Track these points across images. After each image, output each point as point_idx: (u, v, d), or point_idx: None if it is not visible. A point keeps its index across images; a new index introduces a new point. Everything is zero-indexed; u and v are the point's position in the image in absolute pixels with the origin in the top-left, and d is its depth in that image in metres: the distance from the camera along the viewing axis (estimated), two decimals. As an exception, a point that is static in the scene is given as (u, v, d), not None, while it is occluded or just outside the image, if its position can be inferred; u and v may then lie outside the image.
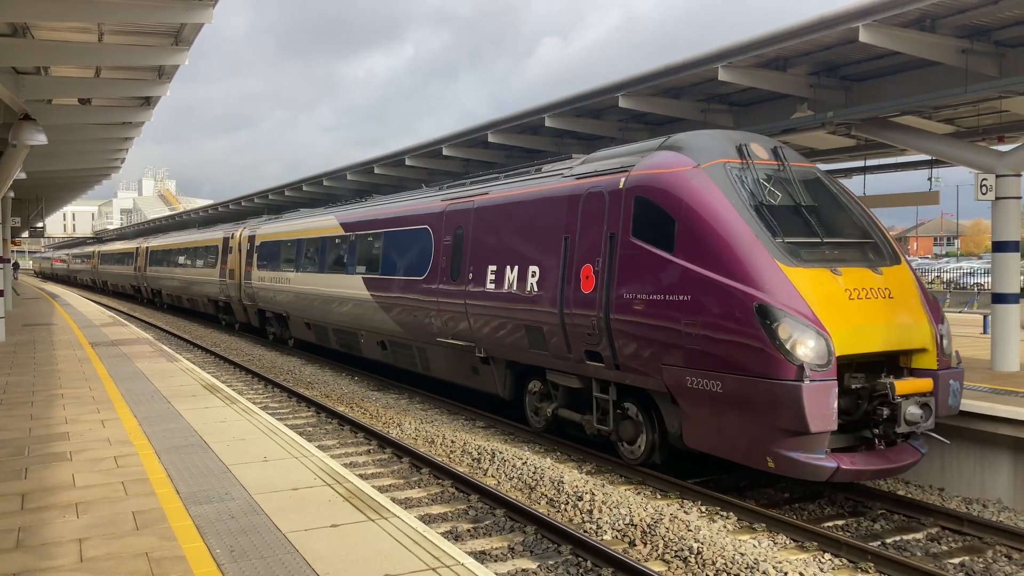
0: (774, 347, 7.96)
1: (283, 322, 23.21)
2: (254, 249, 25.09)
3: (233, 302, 27.66)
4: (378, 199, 18.56)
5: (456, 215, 13.59)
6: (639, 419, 9.99)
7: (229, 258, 27.86)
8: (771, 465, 8.21)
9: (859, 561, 7.30)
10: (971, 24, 11.11)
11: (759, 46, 12.44)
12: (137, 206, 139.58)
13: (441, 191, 14.97)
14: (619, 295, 9.61)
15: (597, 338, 10.00)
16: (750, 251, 8.44)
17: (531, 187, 12.03)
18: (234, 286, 27.11)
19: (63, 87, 15.41)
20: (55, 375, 13.24)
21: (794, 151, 10.23)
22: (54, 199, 41.66)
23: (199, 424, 9.50)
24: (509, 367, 12.55)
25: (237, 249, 26.95)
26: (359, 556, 5.37)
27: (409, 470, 10.56)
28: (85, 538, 5.69)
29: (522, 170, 13.12)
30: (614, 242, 9.84)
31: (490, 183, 13.37)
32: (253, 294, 24.94)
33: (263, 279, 23.86)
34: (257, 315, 25.56)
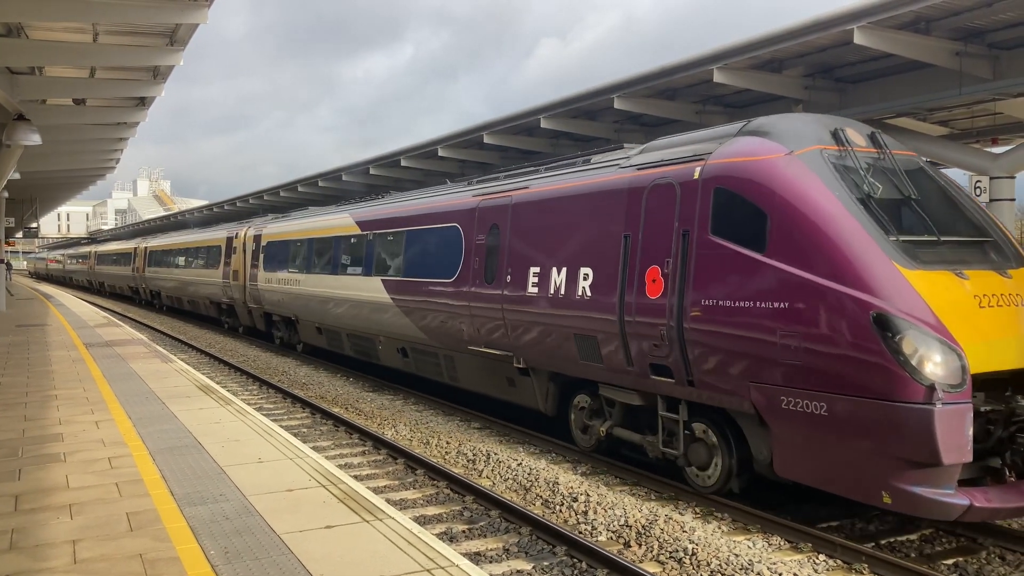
0: (897, 364, 6.88)
1: (291, 326, 22.13)
2: (260, 249, 23.83)
3: (237, 304, 26.61)
4: (397, 196, 17.38)
5: (491, 212, 12.34)
6: (713, 442, 8.83)
7: (233, 259, 26.67)
8: (887, 501, 7.14)
9: (853, 562, 7.31)
10: (965, 26, 11.16)
11: (754, 48, 12.49)
12: (132, 206, 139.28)
13: (471, 186, 13.71)
14: (695, 301, 8.42)
15: (666, 350, 8.82)
16: (863, 251, 7.33)
17: (580, 180, 10.74)
18: (238, 288, 25.96)
19: (58, 87, 15.40)
20: (49, 376, 13.20)
21: (892, 138, 9.16)
22: (48, 199, 41.59)
23: (193, 425, 9.48)
24: (552, 379, 11.37)
25: (241, 249, 25.75)
26: (354, 557, 5.37)
27: (404, 471, 10.55)
28: (79, 539, 5.68)
29: (564, 162, 11.93)
30: (688, 240, 8.62)
31: (528, 176, 12.18)
32: (259, 296, 23.79)
33: (270, 281, 22.61)
34: (263, 318, 24.33)
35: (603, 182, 10.26)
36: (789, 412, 7.66)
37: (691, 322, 8.46)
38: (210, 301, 30.19)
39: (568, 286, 10.34)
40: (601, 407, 10.53)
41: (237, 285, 25.97)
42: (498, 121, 19.02)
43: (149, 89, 15.83)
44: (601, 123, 17.94)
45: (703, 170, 8.70)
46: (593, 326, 9.91)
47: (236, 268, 26.08)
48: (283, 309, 22.03)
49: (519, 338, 11.46)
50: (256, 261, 23.98)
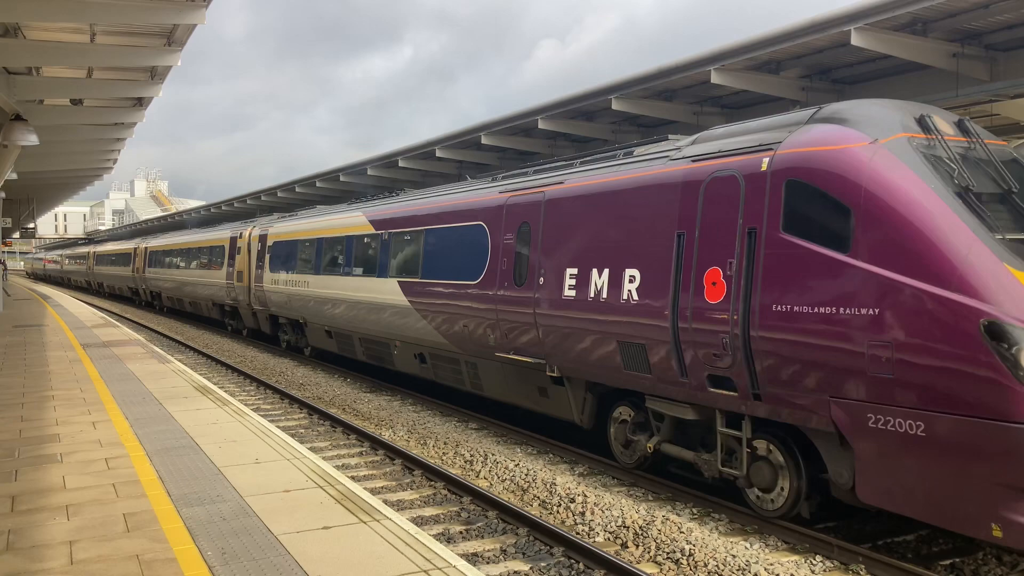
0: (1016, 379, 6.12)
1: (299, 329, 21.24)
2: (266, 250, 22.92)
3: (241, 306, 25.78)
4: (414, 194, 16.45)
5: (521, 209, 11.55)
6: (780, 462, 8.03)
7: (237, 259, 25.86)
8: (998, 535, 6.33)
9: (850, 563, 7.32)
10: (962, 28, 11.18)
11: (752, 49, 12.51)
12: (129, 207, 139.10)
13: (497, 182, 12.87)
14: (765, 306, 7.61)
15: (728, 359, 8.00)
16: (968, 250, 6.58)
17: (624, 174, 9.86)
18: (243, 289, 25.09)
19: (55, 88, 15.39)
20: (46, 376, 13.18)
21: (980, 126, 8.43)
22: (45, 200, 41.56)
23: (191, 426, 9.48)
24: (590, 389, 10.58)
25: (246, 250, 24.91)
26: (351, 558, 5.37)
27: (401, 472, 10.55)
28: (76, 540, 5.67)
29: (603, 154, 11.08)
30: (755, 239, 7.81)
31: (561, 171, 11.34)
32: (265, 298, 22.88)
33: (276, 282, 21.66)
34: (268, 321, 23.48)
35: (652, 176, 9.35)
36: (878, 431, 6.92)
37: (759, 329, 7.66)
38: (212, 303, 29.49)
39: (611, 289, 9.56)
40: (647, 421, 9.76)
41: (241, 286, 25.20)
42: (496, 122, 19.05)
43: (146, 90, 15.82)
44: (599, 124, 17.96)
45: (772, 161, 7.88)
46: (640, 333, 9.11)
47: (240, 269, 25.35)
48: (290, 312, 21.11)
49: (553, 344, 10.67)
50: (261, 262, 23.16)
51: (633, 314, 9.21)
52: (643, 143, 10.59)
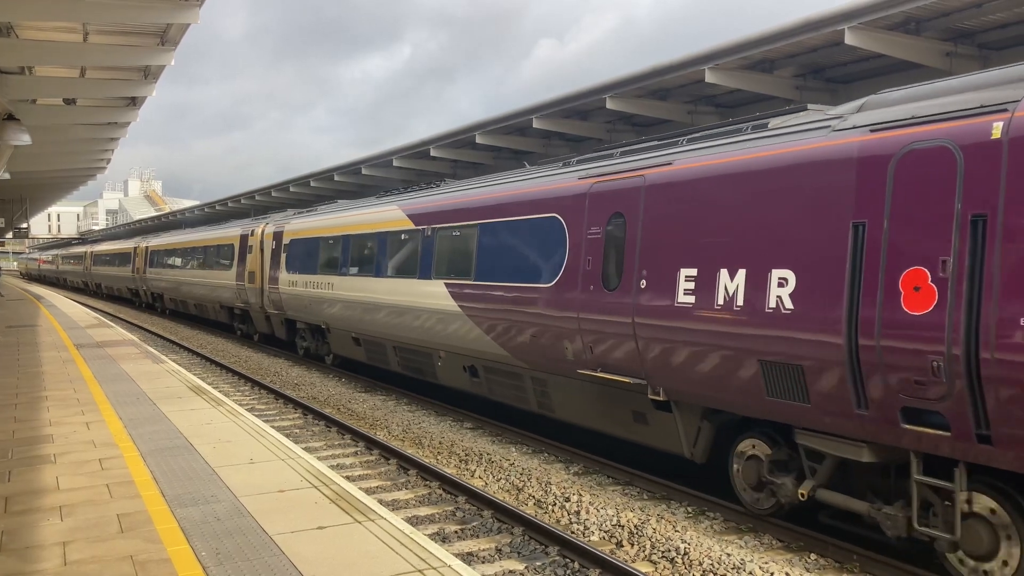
0: None
1: (320, 335, 19.61)
2: (282, 248, 21.04)
3: (253, 310, 24.07)
4: (460, 184, 14.62)
5: (611, 197, 9.72)
6: (1006, 523, 6.29)
7: (248, 259, 24.12)
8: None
9: (844, 562, 7.34)
10: (955, 27, 11.21)
11: (746, 48, 12.53)
12: (123, 207, 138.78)
13: (571, 167, 11.04)
14: (1006, 319, 5.87)
15: (940, 389, 6.24)
16: None
17: (762, 150, 8.02)
18: (255, 291, 23.36)
19: (48, 87, 15.34)
20: (39, 377, 13.14)
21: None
22: (39, 199, 41.44)
23: (185, 426, 9.46)
24: (707, 417, 8.75)
25: (258, 248, 23.18)
26: (346, 558, 5.36)
27: (396, 472, 10.54)
28: (69, 541, 5.65)
29: (718, 130, 9.26)
30: (984, 229, 6.08)
31: (663, 150, 9.49)
32: (280, 301, 21.06)
33: (295, 284, 19.83)
34: (284, 326, 21.67)
35: (807, 152, 7.54)
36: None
37: (996, 350, 5.91)
38: (220, 305, 27.74)
39: (750, 294, 7.74)
40: (793, 459, 8.01)
41: (253, 288, 23.51)
42: (490, 121, 19.04)
43: (140, 89, 15.77)
44: (593, 123, 17.97)
45: (1010, 125, 6.06)
46: (796, 350, 7.28)
47: (252, 269, 23.65)
48: (311, 316, 19.34)
49: (658, 362, 8.81)
50: (277, 261, 21.33)
51: (785, 327, 7.38)
52: (776, 113, 8.84)
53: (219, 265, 27.17)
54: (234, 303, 25.82)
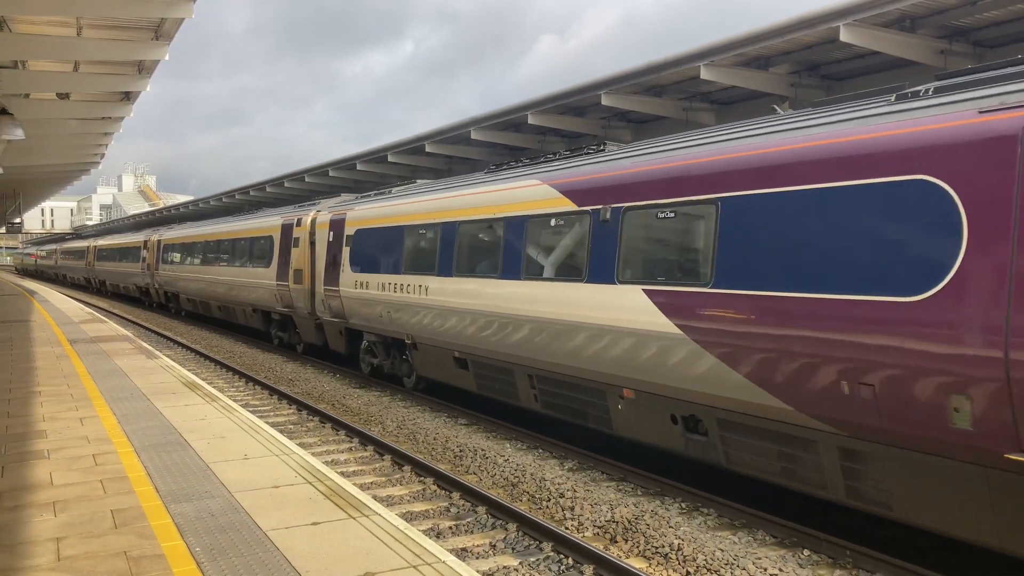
0: None
1: (397, 351, 15.90)
2: (344, 241, 17.22)
3: (299, 315, 20.12)
4: (665, 141, 10.00)
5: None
6: None
7: (293, 254, 20.17)
8: None
9: (838, 557, 7.36)
10: (950, 25, 11.24)
11: (741, 45, 12.54)
12: (117, 202, 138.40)
13: (930, 97, 6.87)
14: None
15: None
16: None
17: None
18: (302, 293, 19.42)
19: (41, 81, 15.27)
20: (33, 372, 13.11)
21: None
22: (32, 194, 41.28)
23: (179, 422, 9.44)
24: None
25: (306, 241, 19.38)
26: (340, 554, 5.36)
27: (391, 468, 10.54)
28: (62, 537, 5.64)
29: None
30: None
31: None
32: (341, 307, 17.24)
33: (364, 285, 16.09)
34: (343, 337, 17.72)
35: None
36: None
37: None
38: (254, 309, 23.68)
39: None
40: None
41: (300, 290, 19.57)
42: (485, 117, 19.03)
43: (134, 84, 15.71)
44: (588, 119, 17.98)
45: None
46: None
47: (299, 267, 19.70)
48: (387, 326, 15.39)
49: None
50: (336, 257, 17.48)
51: None
52: None
53: (253, 261, 23.09)
54: (273, 307, 21.74)
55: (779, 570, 7.00)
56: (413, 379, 15.47)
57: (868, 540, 7.74)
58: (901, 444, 6.60)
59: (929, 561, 7.22)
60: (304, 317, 19.67)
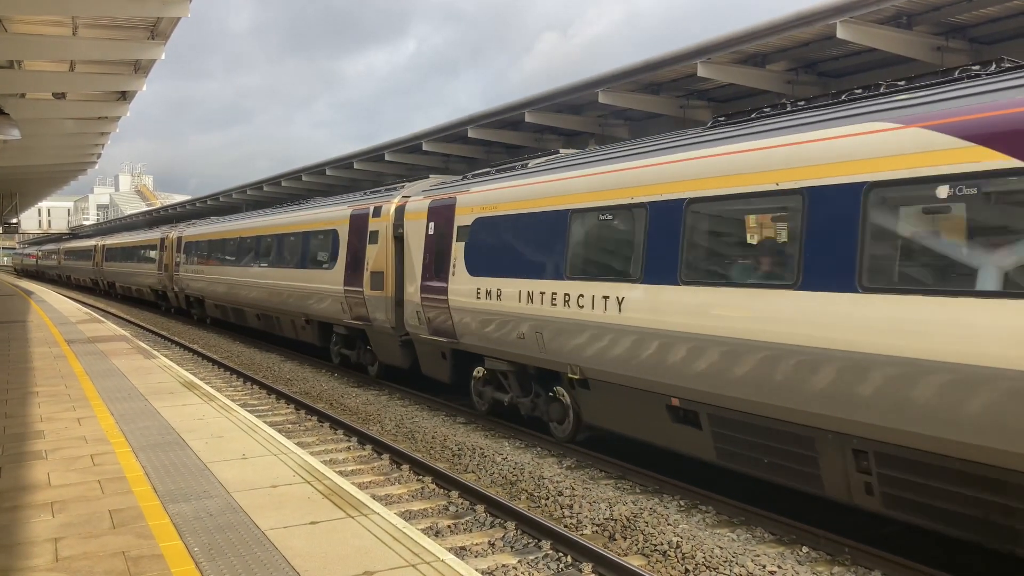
0: None
1: (541, 385, 11.43)
2: (457, 234, 12.73)
3: (377, 331, 15.77)
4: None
5: None
6: None
7: (370, 252, 15.86)
8: None
9: (836, 554, 7.37)
10: (946, 21, 11.25)
11: (738, 42, 12.54)
12: (114, 202, 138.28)
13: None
14: None
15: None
16: None
17: None
18: (380, 302, 15.39)
19: (37, 81, 15.25)
20: (30, 372, 13.09)
21: None
22: (29, 194, 41.25)
23: (177, 421, 9.43)
24: None
25: (388, 236, 15.34)
26: (338, 553, 5.36)
27: (389, 467, 10.54)
28: (61, 537, 5.63)
29: None
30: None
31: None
32: (449, 323, 12.82)
33: (492, 294, 11.68)
34: (447, 361, 13.42)
35: None
36: None
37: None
38: (308, 320, 19.19)
39: None
40: None
41: (379, 297, 15.41)
42: (482, 115, 19.02)
43: (130, 83, 15.69)
44: (586, 117, 17.97)
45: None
46: None
47: (377, 268, 15.52)
48: (529, 351, 11.01)
49: None
50: (444, 255, 13.05)
51: None
52: None
53: (310, 262, 18.86)
54: (339, 319, 17.35)
55: (778, 567, 7.01)
56: (569, 426, 10.97)
57: (867, 537, 7.75)
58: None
59: (927, 558, 7.23)
60: (385, 333, 15.46)
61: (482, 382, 12.88)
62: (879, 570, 7.03)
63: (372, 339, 16.32)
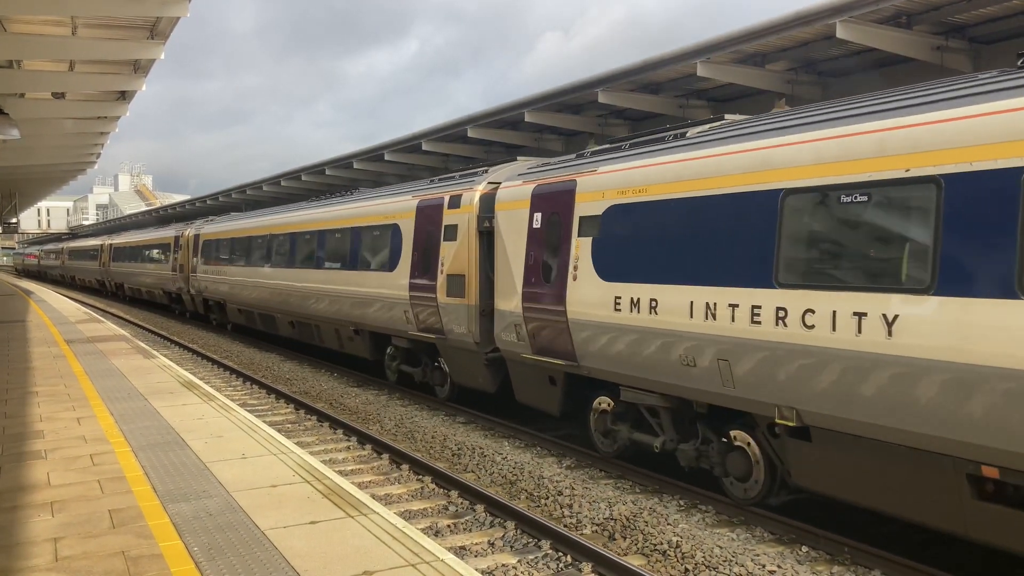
0: None
1: (712, 428, 8.89)
2: (578, 227, 10.20)
3: (452, 345, 13.22)
4: None
5: None
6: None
7: (445, 251, 13.19)
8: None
9: (836, 553, 7.37)
10: (946, 21, 11.25)
11: (737, 42, 12.54)
12: (113, 201, 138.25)
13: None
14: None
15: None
16: None
17: None
18: (462, 312, 12.70)
19: (36, 81, 15.24)
20: (30, 372, 13.08)
21: None
22: (28, 194, 41.23)
23: (176, 421, 9.43)
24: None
25: (470, 231, 12.65)
26: (338, 553, 5.36)
27: (389, 466, 10.54)
28: (60, 537, 5.63)
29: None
30: None
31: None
32: (568, 342, 10.30)
33: (639, 305, 9.09)
34: (559, 388, 10.92)
35: None
36: None
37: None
38: (357, 330, 16.44)
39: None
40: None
41: (457, 305, 12.78)
42: (481, 115, 19.01)
43: (130, 83, 15.67)
44: (585, 117, 17.96)
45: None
46: None
47: (456, 270, 12.82)
48: (702, 384, 8.40)
49: None
50: (560, 255, 10.52)
51: None
52: None
53: (362, 262, 15.96)
54: (400, 329, 14.61)
55: (777, 567, 7.01)
56: (759, 486, 8.31)
57: (866, 536, 7.75)
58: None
59: (927, 557, 7.23)
60: (465, 348, 12.83)
61: (612, 418, 10.07)
62: (879, 569, 7.03)
63: (445, 355, 13.67)
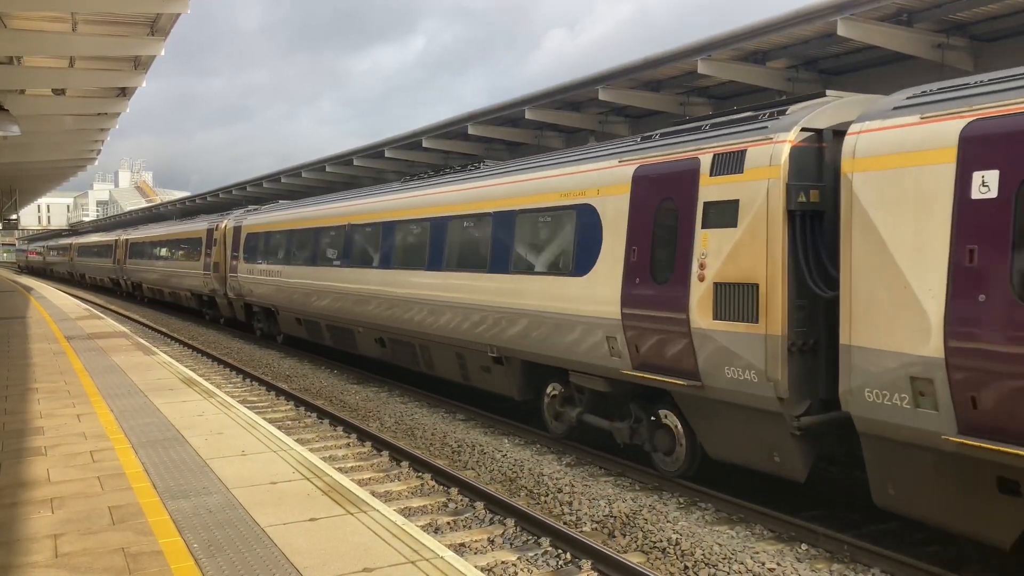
0: None
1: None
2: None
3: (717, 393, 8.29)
4: None
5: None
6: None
7: (719, 242, 8.18)
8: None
9: (835, 551, 7.37)
10: (947, 19, 11.23)
11: (738, 39, 12.53)
12: (113, 198, 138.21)
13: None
14: None
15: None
16: None
17: None
18: (759, 344, 7.70)
19: (37, 77, 15.22)
20: (30, 369, 13.08)
21: None
22: (28, 191, 41.21)
23: (176, 418, 9.43)
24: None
25: (775, 214, 7.57)
26: (338, 549, 5.36)
27: (389, 463, 10.54)
28: (60, 534, 5.64)
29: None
30: None
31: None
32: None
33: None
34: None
35: None
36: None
37: None
38: (497, 359, 11.85)
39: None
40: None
41: (741, 337, 7.87)
42: (482, 112, 19.00)
43: (130, 79, 15.65)
44: (586, 114, 17.95)
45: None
46: None
47: (739, 276, 7.95)
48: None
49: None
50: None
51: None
52: None
53: (514, 263, 11.43)
54: (594, 363, 9.93)
55: (777, 564, 7.01)
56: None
57: (866, 534, 7.76)
58: None
59: (926, 555, 7.24)
60: (747, 405, 8.06)
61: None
62: (878, 567, 7.03)
63: (692, 410, 8.82)
